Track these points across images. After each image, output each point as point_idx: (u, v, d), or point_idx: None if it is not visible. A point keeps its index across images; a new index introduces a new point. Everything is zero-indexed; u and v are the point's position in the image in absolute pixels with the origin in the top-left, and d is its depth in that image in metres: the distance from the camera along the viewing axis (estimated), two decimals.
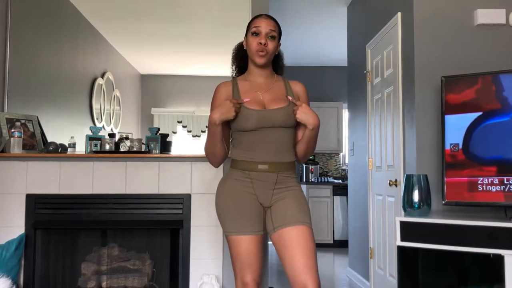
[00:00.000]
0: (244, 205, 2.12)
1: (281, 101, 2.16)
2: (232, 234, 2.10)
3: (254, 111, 2.10)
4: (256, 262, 2.09)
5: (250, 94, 2.16)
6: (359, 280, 4.75)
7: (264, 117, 2.10)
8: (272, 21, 2.19)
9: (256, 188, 2.12)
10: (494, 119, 2.77)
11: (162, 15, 5.14)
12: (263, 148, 2.11)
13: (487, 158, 2.76)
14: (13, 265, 3.07)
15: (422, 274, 2.81)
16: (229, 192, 2.15)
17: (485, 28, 3.27)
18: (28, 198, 3.21)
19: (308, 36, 6.60)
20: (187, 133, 8.07)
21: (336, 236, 7.21)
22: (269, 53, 2.16)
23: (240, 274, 2.10)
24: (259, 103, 2.13)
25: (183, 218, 3.22)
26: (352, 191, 5.22)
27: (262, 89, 2.19)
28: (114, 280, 3.30)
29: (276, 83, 2.23)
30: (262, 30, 2.14)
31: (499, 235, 2.44)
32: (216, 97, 2.21)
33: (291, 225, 2.06)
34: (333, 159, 8.04)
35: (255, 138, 2.11)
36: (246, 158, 2.13)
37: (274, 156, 2.11)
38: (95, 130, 3.43)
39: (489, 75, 2.83)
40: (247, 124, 2.10)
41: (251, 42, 2.16)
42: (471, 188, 2.79)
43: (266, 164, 2.11)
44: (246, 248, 2.07)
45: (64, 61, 4.62)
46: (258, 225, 2.11)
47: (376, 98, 4.20)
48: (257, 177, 2.12)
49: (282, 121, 2.11)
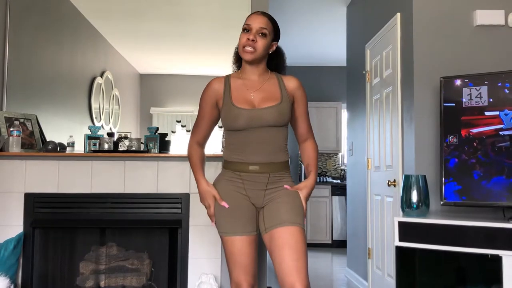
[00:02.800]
0: (236, 206, 2.10)
1: (272, 99, 2.11)
2: (225, 235, 2.10)
3: (244, 110, 2.07)
4: (250, 262, 2.09)
5: (242, 92, 2.12)
6: (357, 280, 4.76)
7: (254, 117, 2.06)
8: (265, 18, 2.14)
9: (248, 189, 2.11)
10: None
11: (161, 15, 5.13)
12: (254, 148, 2.08)
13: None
14: (11, 264, 3.06)
15: (420, 275, 2.81)
16: (221, 193, 2.13)
17: (484, 29, 3.27)
18: (26, 197, 3.21)
19: (307, 36, 6.61)
20: (186, 133, 8.06)
21: (334, 236, 7.21)
22: (258, 51, 2.10)
23: (234, 274, 2.10)
24: (249, 102, 2.10)
25: (181, 217, 3.22)
26: (351, 191, 5.22)
27: (254, 87, 2.14)
28: (112, 279, 3.30)
29: (269, 81, 2.17)
30: (253, 26, 2.10)
31: (497, 236, 2.44)
32: (206, 93, 2.18)
33: (282, 226, 2.04)
34: (332, 159, 8.04)
35: (246, 138, 2.08)
36: (237, 159, 2.11)
37: (265, 156, 2.08)
38: (94, 129, 3.43)
39: (488, 76, 2.84)
40: (237, 124, 2.07)
41: (241, 38, 2.12)
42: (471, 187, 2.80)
43: (257, 165, 2.08)
44: (239, 249, 2.07)
45: (63, 60, 4.62)
46: (251, 226, 2.10)
47: (375, 98, 4.20)
48: (248, 178, 2.09)
49: (273, 120, 2.07)
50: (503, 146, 2.73)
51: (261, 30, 2.10)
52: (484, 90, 2.83)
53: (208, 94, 2.16)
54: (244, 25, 2.13)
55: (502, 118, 2.76)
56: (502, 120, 2.75)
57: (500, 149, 2.74)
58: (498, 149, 2.74)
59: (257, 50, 2.09)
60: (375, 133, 4.19)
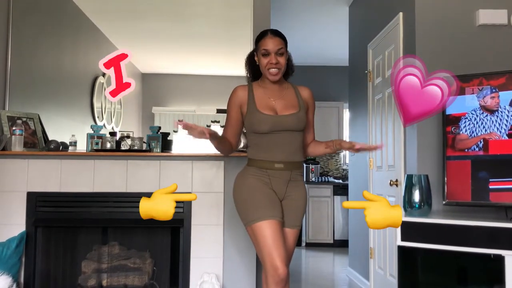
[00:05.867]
0: (265, 196, 2.31)
1: (292, 107, 2.39)
2: (256, 222, 2.24)
3: (268, 116, 2.33)
4: (282, 245, 2.21)
5: (264, 100, 2.38)
6: (359, 280, 4.76)
7: (278, 122, 2.33)
8: (278, 37, 2.36)
9: (273, 183, 2.34)
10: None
11: (163, 14, 5.13)
12: (278, 149, 2.34)
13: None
14: (13, 262, 3.07)
15: (422, 274, 2.81)
16: (250, 186, 2.35)
17: (487, 28, 3.27)
18: (29, 196, 3.21)
19: (309, 36, 6.60)
20: (188, 132, 8.03)
21: (336, 236, 7.21)
22: (282, 69, 2.38)
23: (270, 259, 2.18)
24: (272, 109, 2.37)
25: (183, 216, 3.22)
26: (353, 191, 5.22)
27: (274, 96, 2.41)
28: (114, 278, 3.30)
29: (287, 90, 2.46)
30: (271, 50, 2.33)
31: (499, 236, 2.44)
32: (232, 99, 2.43)
33: (288, 227, 2.36)
34: (334, 159, 8.04)
35: (271, 140, 2.34)
36: (264, 157, 2.35)
37: (287, 156, 2.35)
38: (96, 128, 3.43)
39: (491, 75, 2.83)
40: (261, 128, 2.33)
41: (263, 61, 2.36)
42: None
43: (282, 163, 2.34)
44: (271, 231, 2.21)
45: (66, 59, 4.62)
46: (278, 212, 2.30)
47: (377, 98, 4.20)
48: (274, 174, 2.34)
49: (293, 126, 2.35)
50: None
51: (279, 51, 2.35)
52: (487, 90, 2.82)
53: (232, 100, 2.44)
54: (261, 50, 2.35)
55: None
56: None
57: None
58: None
59: (281, 69, 2.38)
60: (377, 132, 4.18)
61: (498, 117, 2.76)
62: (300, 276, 5.34)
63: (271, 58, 2.33)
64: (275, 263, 2.17)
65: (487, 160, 2.77)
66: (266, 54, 2.34)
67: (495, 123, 2.76)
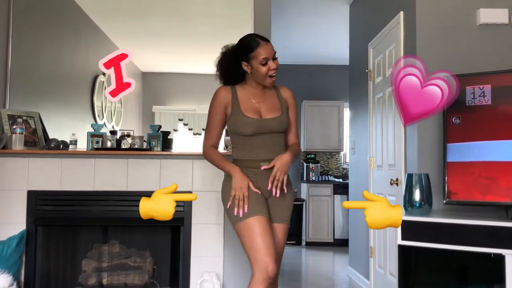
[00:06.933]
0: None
1: (276, 110, 2.41)
2: (244, 219, 2.23)
3: (253, 120, 2.35)
4: (272, 242, 2.20)
5: (249, 102, 2.39)
6: (359, 279, 4.76)
7: (262, 125, 2.35)
8: (268, 42, 2.37)
9: (260, 182, 2.34)
10: None
11: (164, 13, 5.13)
12: (263, 149, 2.37)
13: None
14: (14, 261, 3.07)
15: (422, 273, 2.81)
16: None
17: (488, 27, 3.26)
18: (29, 195, 3.21)
19: (309, 35, 6.59)
20: (188, 131, 8.06)
21: (336, 235, 7.21)
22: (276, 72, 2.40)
23: (259, 254, 2.16)
24: (256, 112, 2.38)
25: (184, 215, 3.23)
26: (353, 190, 5.22)
27: (257, 98, 2.42)
28: (114, 277, 3.31)
29: (270, 91, 2.46)
30: (269, 57, 2.33)
31: (500, 235, 2.44)
32: (217, 101, 2.40)
33: (276, 222, 2.37)
34: (334, 158, 8.04)
35: (254, 141, 2.36)
36: (249, 157, 2.37)
37: (272, 155, 2.34)
38: (96, 127, 3.43)
39: (492, 74, 2.83)
40: (246, 131, 2.34)
41: (262, 70, 2.34)
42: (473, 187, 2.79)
43: (267, 162, 2.33)
44: (260, 228, 2.20)
45: (66, 58, 4.62)
46: (264, 209, 2.30)
47: (377, 97, 4.20)
48: (261, 173, 2.34)
49: (277, 128, 2.39)
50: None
51: (274, 55, 2.37)
52: (488, 89, 2.82)
53: (217, 102, 2.40)
54: (261, 60, 2.32)
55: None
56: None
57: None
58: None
59: (276, 71, 2.40)
60: (377, 132, 4.18)
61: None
62: (300, 275, 5.35)
63: (271, 65, 2.34)
64: (264, 258, 2.14)
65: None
66: (266, 63, 2.33)
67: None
